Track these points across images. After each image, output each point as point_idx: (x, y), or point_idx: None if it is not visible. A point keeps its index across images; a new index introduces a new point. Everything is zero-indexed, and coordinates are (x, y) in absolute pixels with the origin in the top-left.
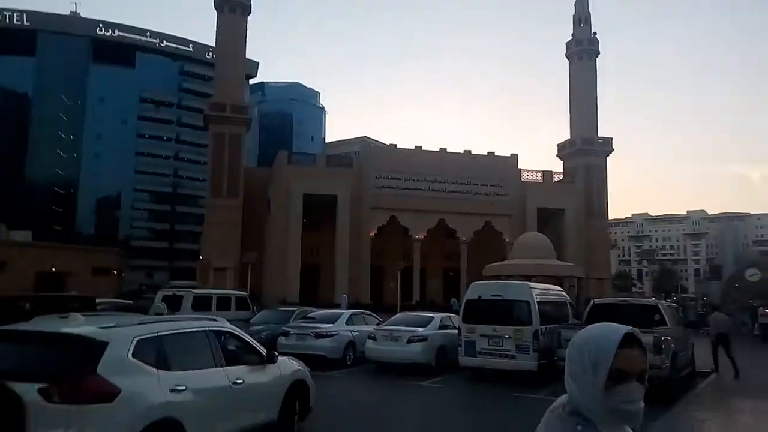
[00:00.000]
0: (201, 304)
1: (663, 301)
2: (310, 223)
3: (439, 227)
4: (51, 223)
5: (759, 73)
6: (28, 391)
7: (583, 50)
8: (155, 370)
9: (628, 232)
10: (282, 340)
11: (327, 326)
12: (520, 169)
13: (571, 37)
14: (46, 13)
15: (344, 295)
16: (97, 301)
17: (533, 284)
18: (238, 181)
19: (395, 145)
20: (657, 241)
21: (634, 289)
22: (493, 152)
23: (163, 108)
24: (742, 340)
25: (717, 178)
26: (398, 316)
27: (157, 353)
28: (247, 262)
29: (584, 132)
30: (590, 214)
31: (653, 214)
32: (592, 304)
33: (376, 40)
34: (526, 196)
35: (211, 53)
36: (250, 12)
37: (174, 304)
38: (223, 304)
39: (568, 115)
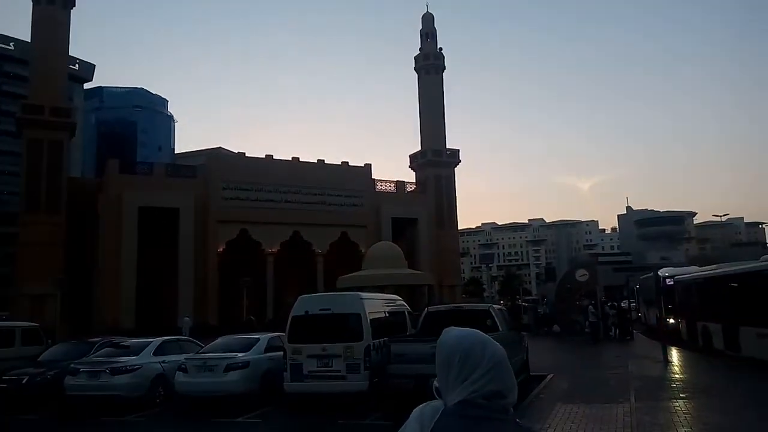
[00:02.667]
0: None
1: (494, 305)
2: (150, 240)
3: (293, 239)
4: None
5: (588, 87)
6: None
7: (429, 65)
8: None
9: (479, 240)
10: (69, 380)
11: (127, 359)
12: (374, 180)
13: (418, 52)
14: None
15: (186, 318)
16: None
17: (365, 294)
18: (60, 194)
19: (244, 153)
20: (504, 248)
21: (485, 294)
22: (347, 162)
23: None
24: (575, 339)
25: (554, 188)
26: (219, 340)
27: None
28: (56, 289)
29: (434, 144)
30: (441, 224)
31: (500, 223)
32: (425, 312)
33: (231, 47)
34: (381, 206)
35: None
36: (73, 5)
37: None
38: (5, 338)
39: (419, 127)
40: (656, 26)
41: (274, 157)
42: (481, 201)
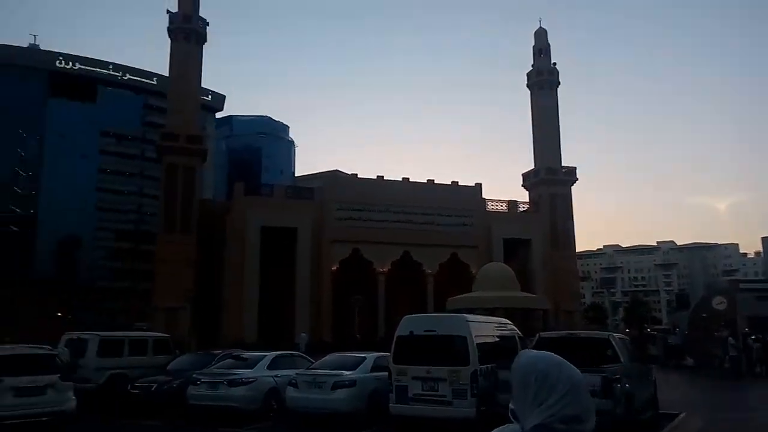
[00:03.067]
0: (109, 349)
1: (615, 334)
2: (271, 258)
3: (403, 259)
4: (6, 264)
5: (725, 102)
6: None
7: (543, 80)
8: None
9: (600, 263)
10: (191, 389)
11: (243, 372)
12: (485, 199)
13: (531, 68)
14: (4, 45)
15: (303, 334)
16: None
17: (472, 317)
18: (192, 215)
19: (356, 175)
20: (629, 272)
21: (607, 321)
22: (457, 182)
23: (125, 142)
24: (711, 374)
25: (685, 209)
26: (328, 357)
27: None
28: (185, 303)
29: (548, 161)
30: (557, 245)
31: (624, 245)
32: (537, 338)
33: (345, 74)
34: (492, 227)
35: None
36: (205, 41)
37: (78, 349)
38: (138, 348)
39: (532, 144)
40: None
41: (385, 178)
42: (601, 222)
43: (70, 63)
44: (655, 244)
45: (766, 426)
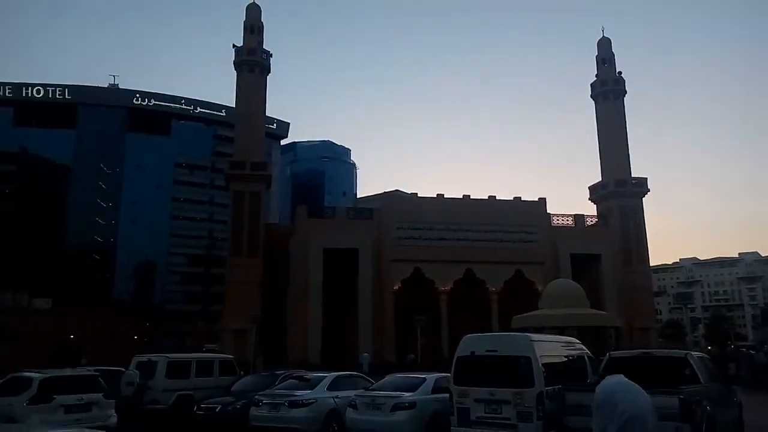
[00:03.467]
0: (177, 370)
1: (693, 353)
2: (333, 279)
3: (466, 277)
4: (89, 290)
5: None
6: None
7: (608, 90)
8: None
9: (677, 278)
10: (254, 410)
11: (303, 393)
12: (550, 214)
13: (595, 78)
14: (86, 86)
15: (365, 354)
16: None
17: (536, 336)
18: (258, 239)
19: (416, 194)
20: (709, 286)
21: (686, 338)
22: (520, 197)
23: (197, 171)
24: None
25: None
26: (389, 378)
27: None
28: (251, 325)
29: (616, 173)
30: (629, 259)
31: (701, 258)
32: (608, 358)
33: (404, 94)
34: (557, 242)
35: None
36: (269, 71)
37: (148, 371)
38: (204, 369)
39: (599, 156)
40: None
41: (445, 196)
42: (676, 235)
43: (146, 99)
44: (737, 255)
45: None
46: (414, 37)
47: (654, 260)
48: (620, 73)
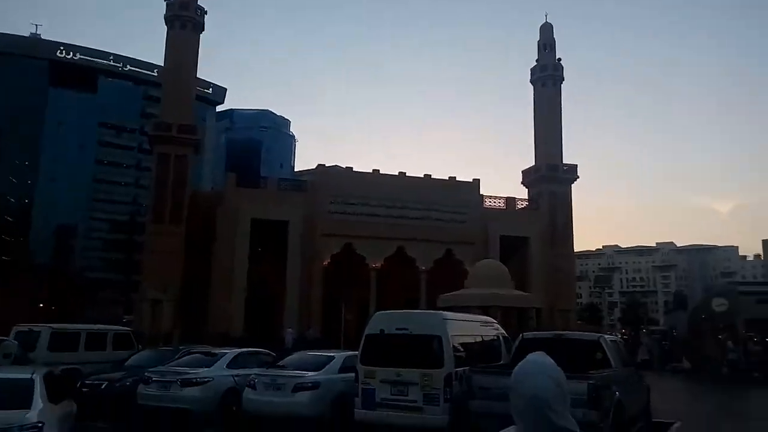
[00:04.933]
0: (63, 342)
1: (607, 336)
2: (261, 252)
3: (397, 254)
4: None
5: (731, 103)
6: None
7: (547, 76)
8: None
9: (599, 263)
10: (142, 389)
11: (199, 370)
12: (483, 195)
13: (535, 63)
14: (5, 35)
15: (289, 330)
16: None
17: (451, 314)
18: (183, 206)
19: (351, 168)
20: (627, 272)
21: (603, 322)
22: (455, 177)
23: (124, 134)
24: (711, 379)
25: (686, 210)
26: (295, 356)
27: None
28: (166, 296)
29: (549, 158)
30: (555, 243)
31: (623, 246)
32: (520, 339)
33: (345, 69)
34: (489, 223)
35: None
36: (203, 30)
37: (29, 342)
38: (96, 342)
39: (533, 141)
40: None
41: (380, 172)
42: (601, 222)
43: (71, 53)
44: (655, 245)
45: None
46: (361, 14)
47: (578, 246)
48: (560, 59)
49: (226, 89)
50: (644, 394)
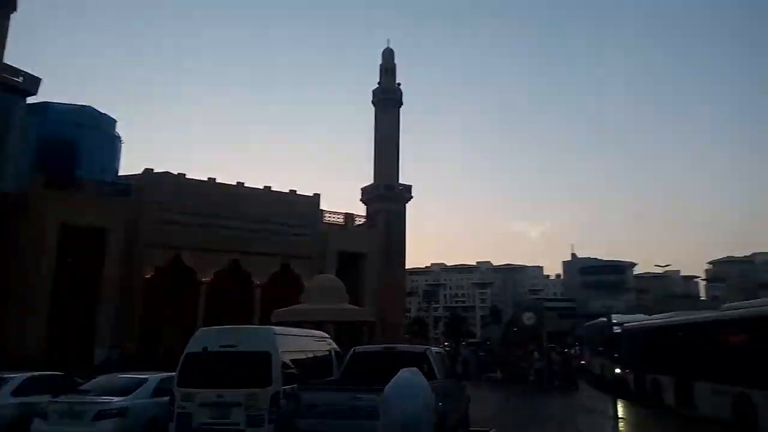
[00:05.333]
0: None
1: (433, 348)
2: (71, 263)
3: (231, 268)
4: None
5: (543, 135)
6: None
7: (387, 99)
8: None
9: (427, 280)
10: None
11: None
12: (322, 210)
13: (377, 85)
14: None
15: (102, 349)
16: None
17: (281, 329)
18: None
19: (184, 175)
20: (451, 289)
21: (429, 335)
22: (294, 190)
23: None
24: (520, 387)
25: (502, 232)
26: (101, 379)
27: None
28: None
29: (387, 178)
30: (390, 260)
31: (448, 264)
32: (352, 353)
33: (184, 72)
34: (328, 239)
35: None
36: (14, 9)
37: None
38: None
39: (373, 160)
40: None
41: (216, 181)
42: (432, 241)
43: None
44: (475, 263)
45: None
46: (209, 19)
47: (410, 263)
48: (399, 84)
49: (40, 79)
50: (464, 403)
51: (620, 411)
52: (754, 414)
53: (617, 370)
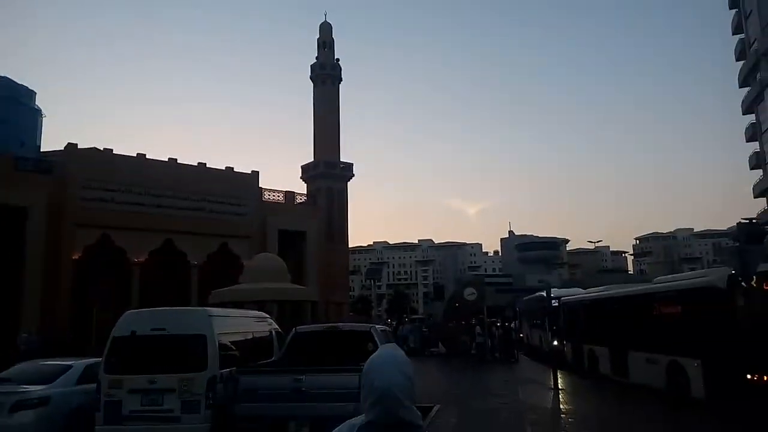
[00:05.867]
0: None
1: (377, 326)
2: None
3: (165, 248)
4: None
5: (487, 117)
6: None
7: (326, 75)
8: None
9: (370, 259)
10: None
11: None
12: (262, 188)
13: (315, 60)
14: None
15: (24, 335)
16: None
17: (218, 310)
18: None
19: (111, 150)
20: (394, 267)
21: (372, 313)
22: (232, 167)
23: None
24: (463, 361)
25: (443, 210)
26: (22, 366)
27: None
28: None
29: (327, 156)
30: (332, 239)
31: (391, 242)
32: (293, 333)
33: (115, 43)
34: (267, 217)
35: None
36: None
37: None
38: None
39: (313, 137)
40: (553, 61)
41: (147, 157)
42: (375, 219)
43: None
44: (417, 242)
45: (514, 410)
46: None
47: (353, 242)
48: (338, 60)
49: None
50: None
51: (559, 382)
52: (685, 381)
53: (555, 342)
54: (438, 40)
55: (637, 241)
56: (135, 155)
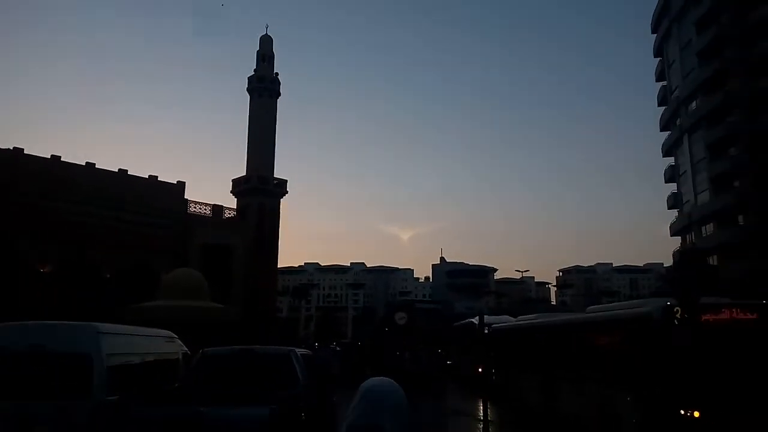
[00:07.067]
0: None
1: (297, 350)
2: None
3: (77, 260)
4: None
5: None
6: None
7: (264, 88)
8: None
9: (300, 279)
10: None
11: None
12: (187, 200)
13: (253, 73)
14: None
15: None
16: None
17: (110, 327)
18: None
19: (22, 150)
20: (325, 289)
21: (301, 335)
22: (156, 176)
23: None
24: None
25: (376, 235)
26: None
27: None
28: None
29: (261, 170)
30: (260, 256)
31: (323, 264)
32: (200, 355)
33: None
34: (192, 230)
35: None
36: None
37: None
38: None
39: (246, 151)
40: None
41: (62, 159)
42: (307, 239)
43: None
44: (349, 264)
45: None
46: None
47: (283, 261)
48: (277, 74)
49: None
50: (330, 410)
51: (488, 412)
52: (616, 415)
53: (484, 370)
54: (377, 73)
55: (560, 273)
56: (48, 157)
